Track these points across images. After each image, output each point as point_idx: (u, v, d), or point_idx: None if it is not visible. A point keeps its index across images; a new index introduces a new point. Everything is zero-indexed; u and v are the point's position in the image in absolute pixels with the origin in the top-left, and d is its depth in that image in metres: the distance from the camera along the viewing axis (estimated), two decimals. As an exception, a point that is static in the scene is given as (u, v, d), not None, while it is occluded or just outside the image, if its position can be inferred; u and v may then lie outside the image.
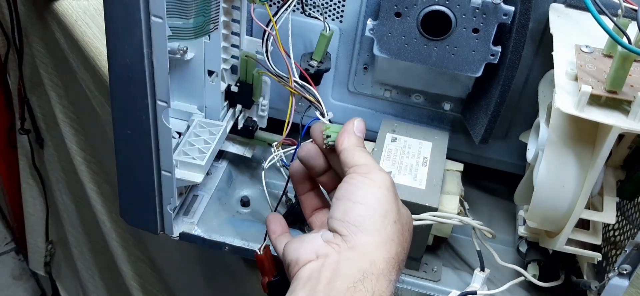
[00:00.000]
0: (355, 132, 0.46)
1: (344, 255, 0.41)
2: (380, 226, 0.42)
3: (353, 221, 0.42)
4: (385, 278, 0.40)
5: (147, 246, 0.96)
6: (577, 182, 0.50)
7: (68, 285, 1.48)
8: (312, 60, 0.62)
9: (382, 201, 0.42)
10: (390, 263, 0.41)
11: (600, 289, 0.53)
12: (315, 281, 0.40)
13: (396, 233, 0.42)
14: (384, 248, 0.41)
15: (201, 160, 0.60)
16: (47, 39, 1.08)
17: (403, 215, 0.44)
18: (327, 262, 0.41)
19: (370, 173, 0.44)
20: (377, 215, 0.42)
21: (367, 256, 0.40)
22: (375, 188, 0.43)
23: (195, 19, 0.55)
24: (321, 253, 0.42)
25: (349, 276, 0.39)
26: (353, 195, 0.43)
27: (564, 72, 0.49)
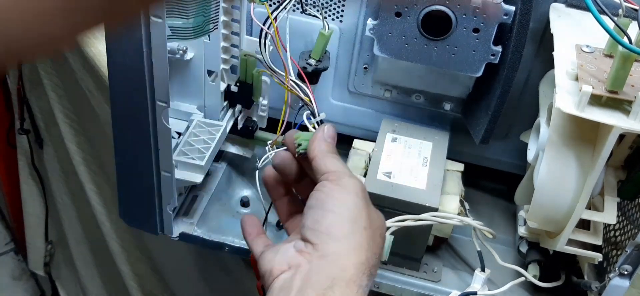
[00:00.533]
0: (325, 138, 0.47)
1: (315, 264, 0.42)
2: (349, 232, 0.42)
3: (324, 230, 0.42)
4: (355, 284, 0.41)
5: (146, 247, 0.96)
6: (578, 182, 0.50)
7: (67, 286, 1.47)
8: (310, 59, 0.62)
9: (352, 208, 0.43)
10: (360, 268, 0.42)
11: (600, 289, 0.53)
12: (287, 291, 0.41)
13: (366, 239, 0.43)
14: (354, 254, 0.42)
15: (201, 161, 0.60)
16: (47, 39, 1.07)
17: (374, 219, 0.45)
18: (299, 272, 0.42)
19: (340, 180, 0.44)
20: (346, 222, 0.43)
21: (337, 263, 0.41)
22: (345, 194, 0.44)
23: (194, 19, 0.55)
24: (293, 263, 0.42)
25: (319, 284, 0.40)
26: (324, 204, 0.43)
27: (564, 72, 0.49)
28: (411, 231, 0.56)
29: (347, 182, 0.44)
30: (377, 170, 0.60)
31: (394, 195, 0.57)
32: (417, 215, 0.56)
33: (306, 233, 0.43)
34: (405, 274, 0.62)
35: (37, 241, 1.51)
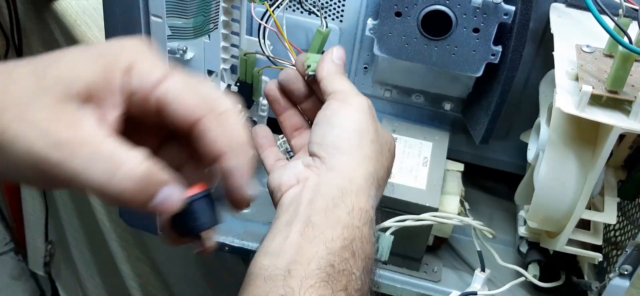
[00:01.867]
0: (334, 60, 0.48)
1: (323, 176, 0.42)
2: (357, 145, 0.43)
3: (331, 143, 0.43)
4: (365, 193, 0.41)
5: (146, 247, 0.96)
6: (578, 182, 0.50)
7: (67, 285, 1.47)
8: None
9: (358, 122, 0.44)
10: (369, 179, 0.42)
11: (601, 289, 0.53)
12: (297, 204, 0.41)
13: (373, 152, 0.43)
14: (362, 165, 0.42)
15: (201, 160, 0.60)
16: (47, 38, 1.08)
17: (381, 135, 0.45)
18: (307, 185, 0.42)
19: (347, 99, 0.45)
20: (353, 135, 0.43)
21: (346, 174, 0.42)
22: (352, 111, 0.44)
23: (194, 19, 0.55)
24: (302, 177, 0.43)
25: (329, 194, 0.40)
26: (331, 119, 0.44)
27: (564, 72, 0.49)
28: (411, 232, 0.56)
29: (353, 100, 0.45)
30: (377, 170, 0.60)
31: (394, 195, 0.57)
32: (417, 215, 0.56)
33: (313, 148, 0.44)
34: (405, 274, 0.62)
35: (37, 241, 1.51)
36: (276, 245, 0.39)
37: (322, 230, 0.39)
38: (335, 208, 0.40)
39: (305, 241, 0.38)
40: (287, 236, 0.39)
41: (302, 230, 0.39)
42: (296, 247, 0.38)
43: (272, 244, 0.39)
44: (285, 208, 0.42)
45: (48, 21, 1.02)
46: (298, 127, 0.51)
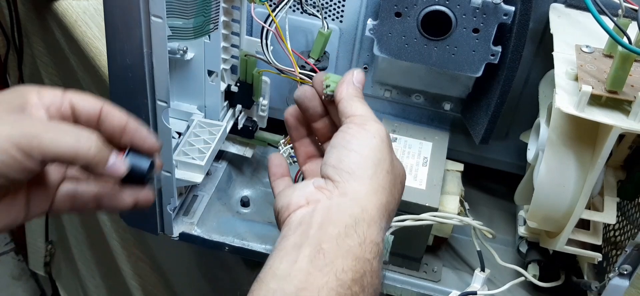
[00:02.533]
0: (354, 82, 0.47)
1: (335, 200, 0.41)
2: (373, 174, 0.42)
3: (346, 168, 0.42)
4: (376, 225, 0.41)
5: (147, 246, 0.96)
6: (578, 182, 0.50)
7: (68, 285, 1.47)
8: (309, 58, 0.62)
9: (376, 150, 0.43)
10: (381, 210, 0.42)
11: (600, 289, 0.53)
12: (307, 226, 0.40)
13: (388, 183, 0.43)
14: (376, 196, 0.42)
15: (201, 160, 0.60)
16: (47, 39, 1.08)
17: (396, 167, 0.45)
18: (319, 207, 0.41)
19: (366, 124, 0.44)
20: (370, 164, 0.42)
21: (359, 202, 0.41)
22: (370, 137, 0.43)
23: (195, 19, 0.55)
24: (312, 198, 0.42)
25: (341, 221, 0.40)
26: (348, 144, 0.43)
27: (564, 72, 0.49)
28: (411, 231, 0.56)
29: (371, 126, 0.44)
30: (377, 170, 0.60)
31: (394, 195, 0.58)
32: (417, 215, 0.56)
33: (327, 170, 0.43)
34: (405, 274, 0.62)
35: (37, 241, 1.51)
36: (284, 268, 0.38)
37: (333, 259, 0.38)
38: (347, 237, 0.39)
39: (315, 268, 0.38)
40: (296, 260, 0.38)
41: (312, 256, 0.38)
42: (305, 274, 0.37)
43: (281, 266, 0.38)
44: (294, 228, 0.41)
45: (49, 21, 1.02)
46: (311, 155, 0.51)
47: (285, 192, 0.44)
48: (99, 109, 0.43)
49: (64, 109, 0.42)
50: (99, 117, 0.43)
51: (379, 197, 0.42)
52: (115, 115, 0.43)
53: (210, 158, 0.62)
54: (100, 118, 0.43)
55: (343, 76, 0.48)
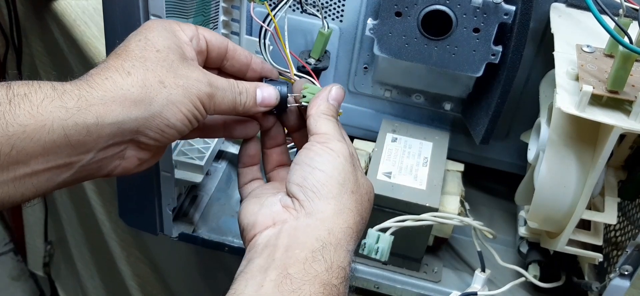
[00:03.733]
0: (328, 99, 0.47)
1: (302, 221, 0.41)
2: (338, 194, 0.42)
3: (311, 187, 0.42)
4: (343, 249, 0.40)
5: (146, 247, 0.96)
6: (578, 182, 0.50)
7: (67, 286, 1.47)
8: (310, 58, 0.61)
9: (340, 170, 0.43)
10: (348, 233, 0.41)
11: (601, 290, 0.53)
12: (273, 249, 0.40)
13: (354, 203, 0.42)
14: (341, 217, 0.41)
15: (200, 161, 0.60)
16: (46, 38, 1.08)
17: (362, 185, 0.44)
18: (285, 228, 0.41)
19: (328, 143, 0.44)
20: (334, 183, 0.42)
21: (325, 224, 0.41)
22: (334, 156, 0.43)
23: (194, 19, 0.55)
24: (278, 219, 0.42)
25: (307, 245, 0.39)
26: (312, 161, 0.43)
27: (565, 72, 0.49)
28: (411, 232, 0.56)
29: (334, 145, 0.44)
30: (377, 170, 0.60)
31: (394, 195, 0.57)
32: (417, 215, 0.56)
33: (292, 188, 0.43)
34: (406, 274, 0.62)
35: (36, 241, 1.51)
36: (250, 293, 0.38)
37: (300, 286, 0.37)
38: (314, 262, 0.39)
39: (282, 294, 0.37)
40: (262, 284, 0.38)
41: (278, 281, 0.38)
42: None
43: (246, 290, 0.38)
44: (260, 250, 0.41)
45: (48, 21, 1.01)
46: (281, 164, 0.51)
47: (251, 208, 0.44)
48: (225, 46, 0.47)
49: (201, 44, 0.46)
50: (225, 53, 0.47)
51: (345, 218, 0.41)
52: (241, 52, 0.48)
53: (210, 158, 0.61)
54: (226, 54, 0.47)
55: (320, 90, 0.47)
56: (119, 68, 0.40)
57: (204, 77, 0.43)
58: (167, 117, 0.41)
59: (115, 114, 0.39)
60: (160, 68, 0.41)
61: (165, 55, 0.41)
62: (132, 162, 0.42)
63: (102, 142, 0.39)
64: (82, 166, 0.39)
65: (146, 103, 0.40)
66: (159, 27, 0.43)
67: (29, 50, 1.18)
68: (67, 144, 0.38)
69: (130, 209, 0.61)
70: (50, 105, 0.37)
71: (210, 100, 0.43)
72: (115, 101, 0.39)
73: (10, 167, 0.36)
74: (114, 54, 0.42)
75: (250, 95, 0.46)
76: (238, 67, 0.48)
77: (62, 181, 0.39)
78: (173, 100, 0.41)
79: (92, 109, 0.38)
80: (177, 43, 0.43)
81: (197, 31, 0.45)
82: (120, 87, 0.39)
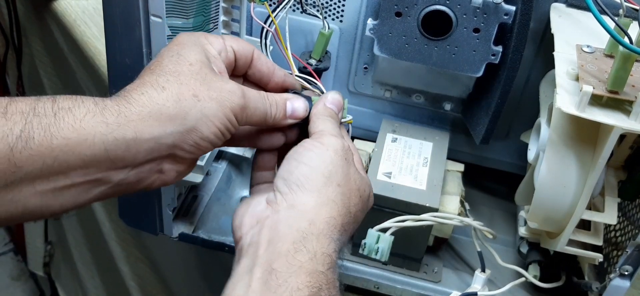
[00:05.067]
0: (326, 103, 0.48)
1: (283, 214, 0.41)
2: (322, 186, 0.42)
3: (295, 180, 0.42)
4: (327, 237, 0.40)
5: (146, 247, 0.96)
6: (578, 183, 0.50)
7: (67, 286, 1.47)
8: (311, 59, 0.61)
9: (327, 162, 0.43)
10: (331, 223, 0.41)
11: (601, 290, 0.53)
12: (256, 246, 0.40)
13: (339, 195, 0.42)
14: (324, 208, 0.41)
15: (201, 161, 0.60)
16: (46, 38, 1.08)
17: (353, 179, 0.44)
18: (266, 223, 0.41)
19: (322, 138, 0.44)
20: (320, 176, 0.42)
21: (306, 215, 0.41)
22: (322, 150, 0.43)
23: (194, 19, 0.55)
24: (262, 216, 0.42)
25: (289, 237, 0.39)
26: (300, 156, 0.43)
27: (565, 72, 0.49)
28: (411, 232, 0.56)
29: (327, 140, 0.44)
30: (377, 170, 0.60)
31: (394, 195, 0.57)
32: (417, 216, 0.56)
33: (277, 182, 0.43)
34: (405, 275, 0.62)
35: (36, 241, 1.51)
36: (239, 295, 0.38)
37: (286, 279, 0.37)
38: (297, 253, 0.39)
39: (270, 291, 0.37)
40: (249, 284, 0.38)
41: (265, 278, 0.38)
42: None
43: (234, 293, 0.38)
44: (245, 250, 0.41)
45: (48, 21, 1.01)
46: (270, 167, 0.51)
47: (241, 210, 0.44)
48: (251, 53, 0.48)
49: (229, 56, 0.46)
50: (251, 61, 0.48)
51: (328, 210, 0.41)
52: (265, 61, 0.48)
53: (210, 159, 0.61)
54: (252, 63, 0.48)
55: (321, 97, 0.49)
56: (154, 83, 0.41)
57: (238, 89, 0.43)
58: (201, 130, 0.41)
59: (152, 129, 0.39)
60: (194, 81, 0.41)
61: (198, 68, 0.42)
62: (170, 176, 0.43)
63: (141, 157, 0.40)
64: (121, 179, 0.40)
65: (181, 117, 0.40)
66: (190, 42, 0.43)
67: (29, 50, 1.18)
68: (107, 158, 0.38)
69: (130, 209, 0.61)
70: (92, 120, 0.38)
71: (243, 112, 0.43)
72: (152, 116, 0.39)
73: (51, 177, 0.37)
74: (149, 70, 0.42)
75: (281, 107, 0.46)
76: (260, 76, 0.48)
77: (101, 193, 0.40)
78: (207, 114, 0.41)
79: (130, 125, 0.39)
80: (206, 56, 0.43)
81: (224, 43, 0.46)
82: (155, 102, 0.40)
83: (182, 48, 0.43)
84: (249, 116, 0.44)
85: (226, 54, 0.46)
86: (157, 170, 0.42)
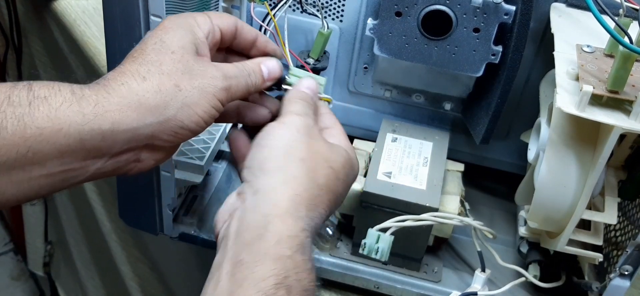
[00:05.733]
0: (299, 87, 0.48)
1: (249, 202, 0.40)
2: (283, 165, 0.41)
3: (258, 165, 0.42)
4: (291, 216, 0.39)
5: (146, 247, 0.96)
6: (579, 182, 0.50)
7: (67, 286, 1.47)
8: (309, 58, 0.62)
9: (286, 141, 0.42)
10: (295, 200, 0.40)
11: (601, 290, 0.53)
12: (225, 240, 0.40)
13: (303, 170, 0.41)
14: (288, 186, 0.40)
15: (201, 161, 0.60)
16: (46, 38, 1.08)
17: (318, 151, 0.43)
18: (235, 215, 0.40)
19: (284, 117, 0.44)
20: (279, 155, 0.41)
21: (269, 197, 0.40)
22: (283, 129, 0.43)
23: (194, 19, 0.55)
24: (232, 208, 0.42)
25: (254, 225, 0.39)
26: (262, 139, 0.43)
27: (565, 72, 0.49)
28: (411, 232, 0.56)
29: (288, 118, 0.44)
30: (377, 170, 0.60)
31: (394, 195, 0.57)
32: (417, 215, 0.56)
33: (243, 172, 0.43)
34: (405, 274, 0.62)
35: (36, 241, 1.51)
36: (210, 293, 0.37)
37: (252, 269, 0.36)
38: (261, 240, 0.37)
39: (236, 285, 0.36)
40: (219, 280, 0.37)
41: (232, 272, 0.37)
42: (227, 294, 0.36)
43: (206, 292, 0.38)
44: (218, 246, 0.40)
45: (48, 21, 1.01)
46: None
47: (218, 210, 0.43)
48: (234, 26, 0.47)
49: (216, 36, 0.46)
50: (235, 32, 0.47)
51: (292, 187, 0.40)
52: (247, 30, 0.48)
53: (210, 158, 0.61)
54: (235, 33, 0.48)
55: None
56: (135, 73, 0.40)
57: (218, 71, 0.43)
58: (181, 119, 0.41)
59: (130, 120, 0.39)
60: (176, 71, 0.41)
61: (180, 56, 0.41)
62: (148, 163, 0.43)
63: (117, 147, 0.40)
64: (98, 169, 0.40)
65: (161, 108, 0.40)
66: (175, 26, 0.43)
67: (29, 50, 1.18)
68: (82, 148, 0.38)
69: (130, 209, 0.61)
70: (68, 110, 0.37)
71: (227, 93, 0.43)
72: (130, 107, 0.39)
73: (26, 167, 0.37)
74: (131, 57, 0.42)
75: (257, 72, 0.46)
76: (244, 45, 0.48)
77: (77, 181, 0.40)
78: (188, 103, 0.41)
79: (107, 115, 0.38)
80: (192, 41, 0.43)
81: (212, 24, 0.45)
82: (135, 93, 0.39)
83: (166, 33, 0.42)
84: (233, 94, 0.44)
85: (213, 34, 0.45)
86: (134, 159, 0.42)
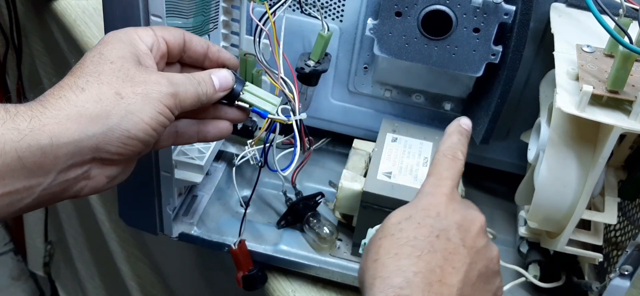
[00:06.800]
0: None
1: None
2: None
3: None
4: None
5: (146, 247, 0.96)
6: (579, 182, 0.50)
7: (67, 286, 1.47)
8: (309, 60, 0.61)
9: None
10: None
11: (601, 290, 0.53)
12: None
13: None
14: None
15: (201, 161, 0.60)
16: (46, 38, 1.08)
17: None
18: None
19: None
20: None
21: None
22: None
23: (194, 19, 0.55)
24: None
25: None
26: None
27: (565, 72, 0.49)
28: (411, 232, 0.56)
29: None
30: (377, 170, 0.60)
31: (394, 195, 0.57)
32: (417, 215, 0.56)
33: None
34: (406, 274, 0.62)
35: (36, 241, 1.51)
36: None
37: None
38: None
39: None
40: None
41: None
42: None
43: None
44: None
45: (48, 21, 1.01)
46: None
47: None
48: (182, 38, 0.47)
49: (162, 48, 0.45)
50: (183, 45, 0.47)
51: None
52: (197, 42, 0.48)
53: (210, 158, 0.61)
54: (184, 46, 0.47)
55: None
56: (73, 85, 0.39)
57: (162, 78, 0.42)
58: (127, 128, 0.40)
59: (70, 133, 0.38)
60: (116, 79, 0.40)
61: (119, 65, 0.41)
62: (100, 181, 0.42)
63: (61, 162, 0.38)
64: (44, 189, 0.39)
65: (103, 117, 0.39)
66: (114, 40, 0.43)
67: (29, 50, 1.18)
68: (22, 167, 0.37)
69: (130, 209, 0.61)
70: (1, 128, 0.36)
71: (175, 99, 0.42)
72: (69, 119, 0.38)
73: None
74: (70, 73, 0.41)
75: (208, 82, 0.46)
76: (195, 57, 0.48)
77: (25, 205, 0.38)
78: (132, 110, 0.40)
79: (45, 129, 0.37)
80: (133, 52, 0.42)
81: (156, 36, 0.45)
82: (74, 105, 0.39)
83: (105, 47, 0.42)
84: (182, 101, 0.43)
85: (158, 46, 0.45)
86: (83, 176, 0.40)
